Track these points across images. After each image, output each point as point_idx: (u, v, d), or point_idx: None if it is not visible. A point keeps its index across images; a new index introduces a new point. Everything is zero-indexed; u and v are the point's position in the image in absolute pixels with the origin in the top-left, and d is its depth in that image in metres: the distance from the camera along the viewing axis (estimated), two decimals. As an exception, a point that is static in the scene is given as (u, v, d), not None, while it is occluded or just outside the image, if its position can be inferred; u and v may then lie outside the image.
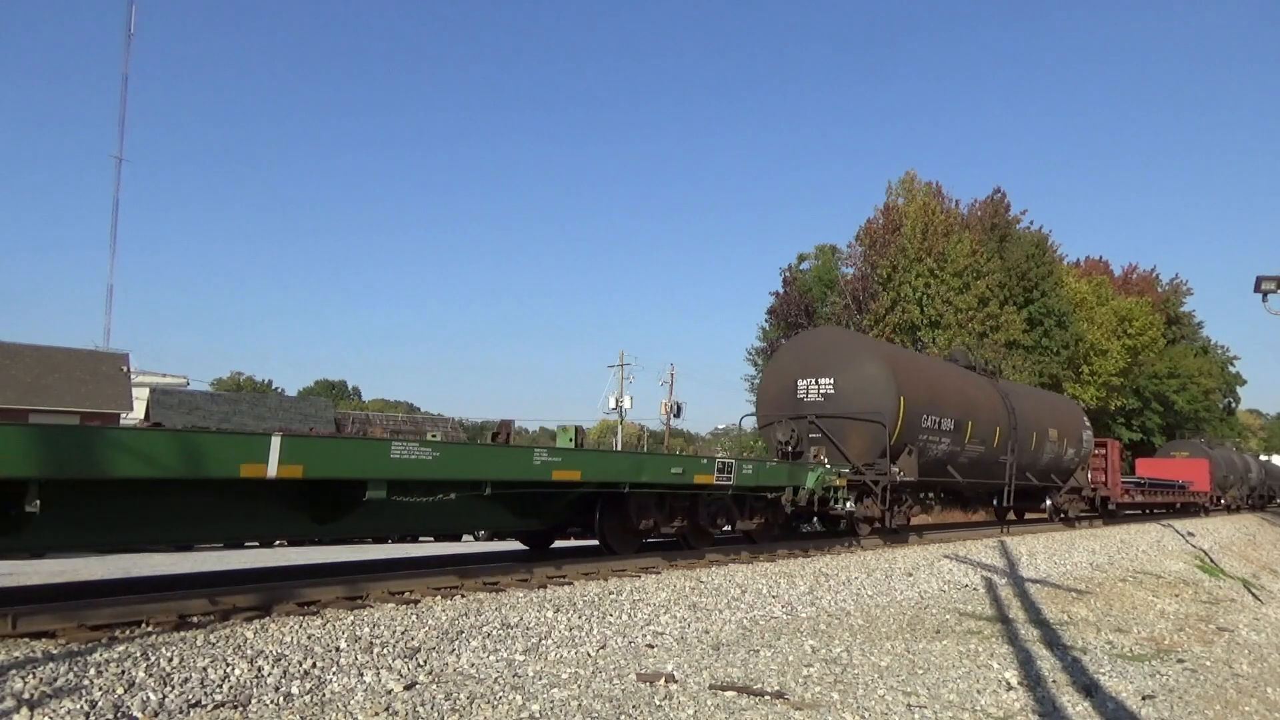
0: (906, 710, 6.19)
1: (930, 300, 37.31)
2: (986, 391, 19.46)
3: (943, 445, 16.92)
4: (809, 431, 15.55)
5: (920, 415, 15.99)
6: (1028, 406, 21.24)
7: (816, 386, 15.81)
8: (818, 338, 17.12)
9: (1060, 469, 23.19)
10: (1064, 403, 26.18)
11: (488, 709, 5.43)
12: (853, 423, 15.32)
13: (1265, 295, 17.01)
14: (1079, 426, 24.45)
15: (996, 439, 18.88)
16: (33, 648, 5.69)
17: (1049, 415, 22.32)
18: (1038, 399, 23.33)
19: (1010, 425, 19.43)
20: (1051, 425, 21.95)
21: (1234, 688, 8.29)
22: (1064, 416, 23.72)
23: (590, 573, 10.15)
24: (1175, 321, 65.91)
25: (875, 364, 15.57)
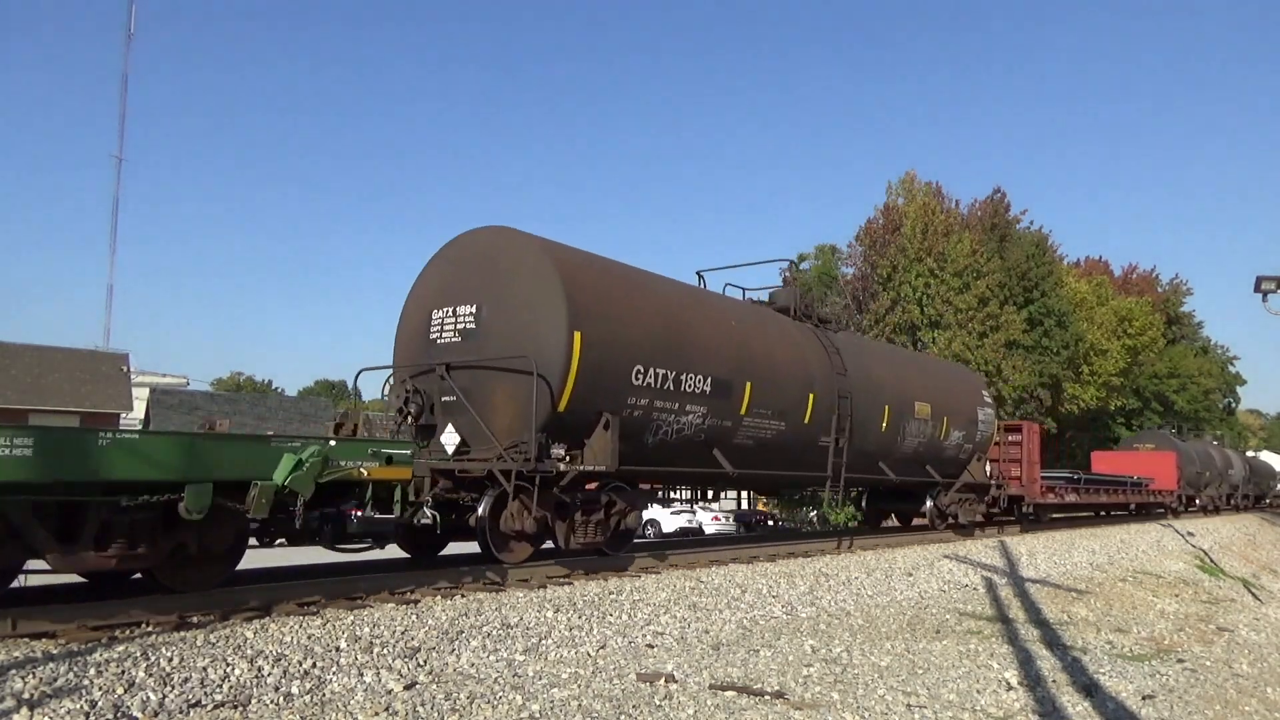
0: (906, 710, 6.19)
1: (930, 300, 37.28)
2: (794, 342, 13.70)
3: (687, 418, 11.12)
4: (443, 393, 10.08)
5: (627, 367, 10.23)
6: (879, 371, 15.75)
7: (454, 320, 10.28)
8: (471, 244, 10.70)
9: (940, 459, 17.49)
10: (949, 372, 20.42)
11: (488, 709, 5.43)
12: (498, 377, 9.71)
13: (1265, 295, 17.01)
14: (973, 404, 18.77)
15: (809, 413, 13.31)
16: (33, 648, 5.68)
17: (917, 386, 16.73)
18: (901, 363, 17.75)
19: (839, 394, 13.99)
20: (923, 399, 16.55)
21: (1234, 688, 8.29)
22: (945, 389, 17.90)
23: (590, 573, 10.15)
24: (1175, 321, 65.89)
25: (536, 280, 9.81)
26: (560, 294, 9.61)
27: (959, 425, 17.86)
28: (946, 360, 23.93)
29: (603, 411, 10.00)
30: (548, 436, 9.55)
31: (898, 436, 15.95)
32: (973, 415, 18.60)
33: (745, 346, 12.36)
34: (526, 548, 9.90)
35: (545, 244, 10.31)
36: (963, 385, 19.31)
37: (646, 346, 10.58)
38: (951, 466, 18.16)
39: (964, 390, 19.03)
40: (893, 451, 16.01)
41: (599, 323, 9.99)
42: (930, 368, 19.35)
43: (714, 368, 11.51)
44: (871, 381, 15.24)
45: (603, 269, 10.96)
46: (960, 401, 18.27)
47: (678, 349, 11.04)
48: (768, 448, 12.79)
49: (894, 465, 16.02)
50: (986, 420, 19.14)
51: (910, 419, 16.20)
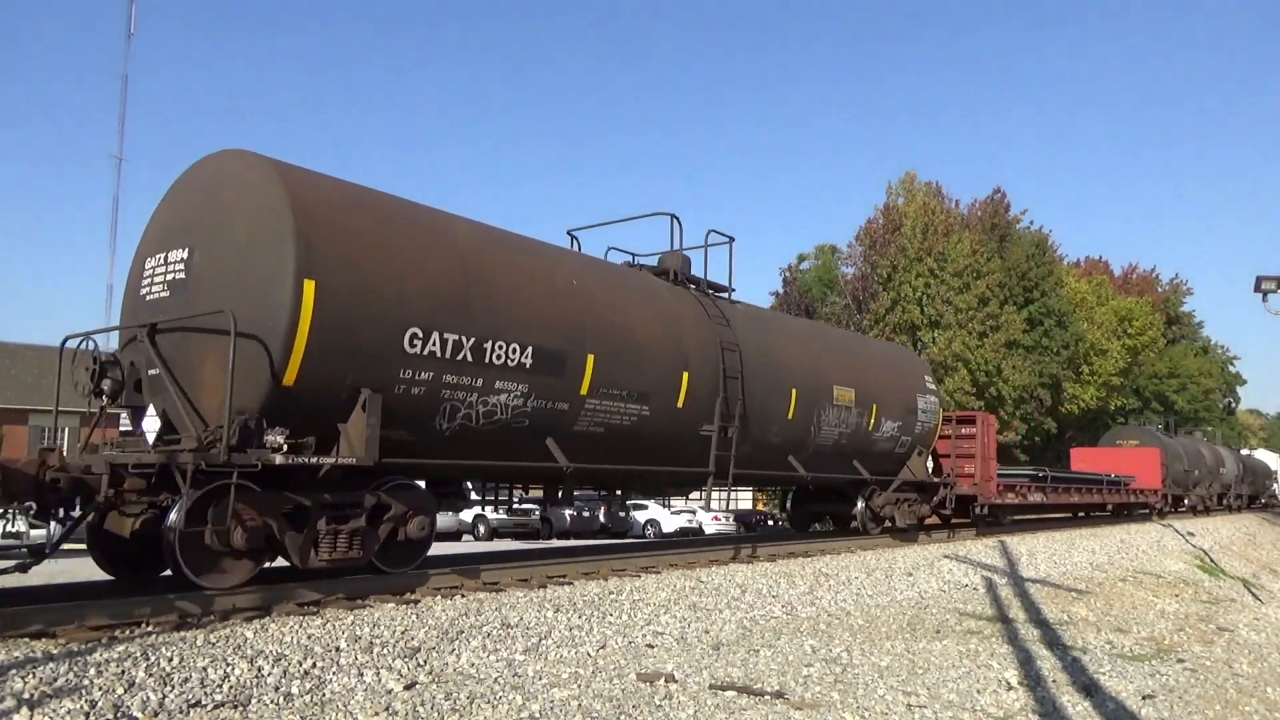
0: (906, 710, 6.19)
1: (930, 300, 37.32)
2: (665, 311, 11.15)
3: (499, 398, 8.82)
4: (149, 364, 7.89)
5: (397, 330, 7.93)
6: (785, 348, 13.17)
7: (165, 269, 8.06)
8: (198, 174, 8.35)
9: (871, 453, 15.08)
10: (882, 353, 17.54)
11: (488, 709, 5.43)
12: (208, 342, 7.51)
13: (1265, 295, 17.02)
14: (912, 390, 16.20)
15: (684, 395, 10.92)
16: (33, 648, 5.68)
17: (838, 367, 14.17)
18: (817, 340, 14.69)
19: (726, 374, 11.51)
20: (845, 383, 14.08)
21: (1234, 687, 8.30)
22: (876, 373, 15.38)
23: (590, 573, 10.15)
24: (1175, 321, 66.00)
25: (261, 213, 7.57)
26: (289, 230, 7.26)
27: (893, 415, 15.38)
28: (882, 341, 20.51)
29: (360, 387, 7.64)
30: (262, 419, 7.23)
31: (811, 426, 13.40)
32: (911, 404, 16.00)
33: (588, 311, 9.81)
34: (244, 567, 7.55)
35: (279, 167, 7.84)
36: (899, 369, 16.55)
37: (427, 304, 8.14)
38: (886, 462, 15.68)
39: (900, 375, 16.31)
40: (806, 444, 13.45)
41: (348, 270, 7.62)
42: (857, 348, 16.40)
43: (537, 335, 9.07)
44: (774, 360, 12.65)
45: (361, 202, 8.36)
46: (895, 387, 15.73)
47: (479, 309, 8.57)
48: (625, 437, 10.25)
49: (808, 460, 13.55)
50: (929, 410, 16.53)
51: (828, 406, 13.66)
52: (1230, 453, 45.11)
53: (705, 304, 12.00)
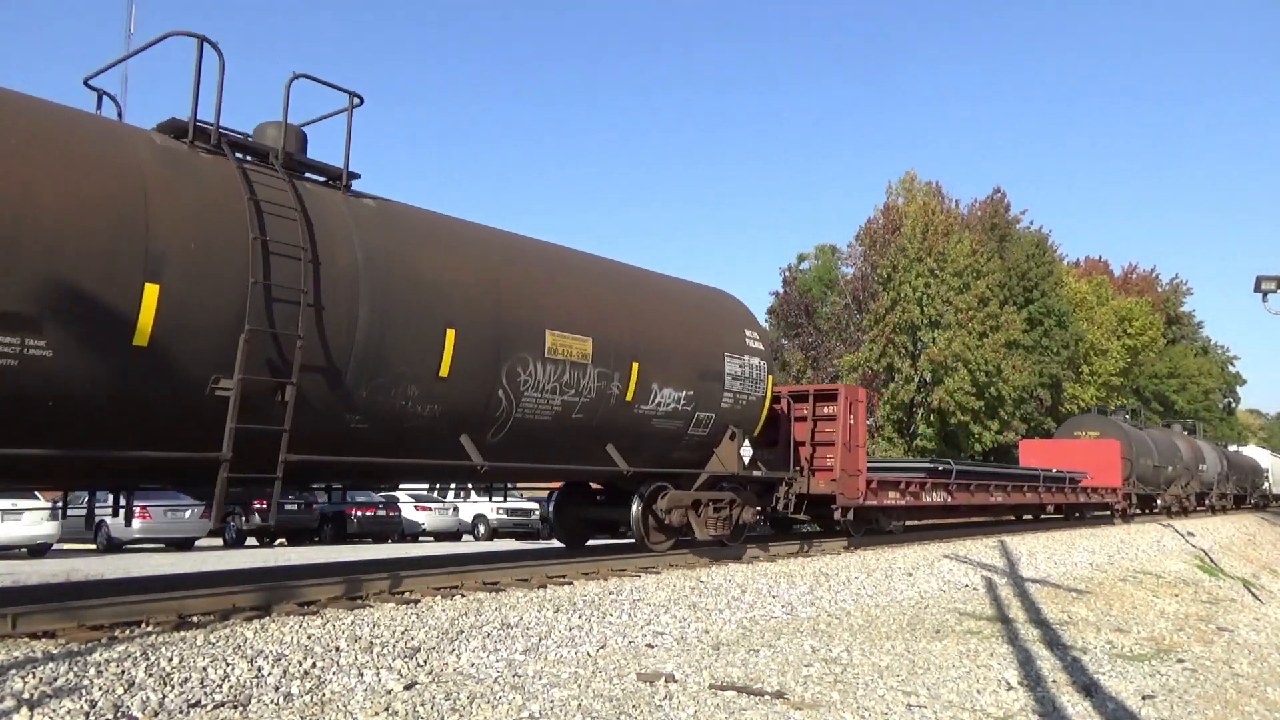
0: (906, 710, 6.19)
1: (930, 300, 37.32)
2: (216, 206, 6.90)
3: None
4: None
5: None
6: (443, 266, 8.65)
7: None
8: None
9: (635, 435, 10.57)
10: (669, 293, 11.83)
11: (488, 709, 5.43)
12: None
13: (1265, 295, 17.02)
14: (717, 347, 11.67)
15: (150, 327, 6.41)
16: (33, 648, 5.69)
17: (564, 306, 9.76)
18: (536, 264, 9.87)
19: (273, 293, 7.07)
20: (571, 329, 9.65)
21: (1234, 688, 8.30)
22: (646, 320, 10.77)
23: (590, 573, 10.15)
24: (1175, 321, 66.03)
25: None
26: None
27: (679, 381, 10.93)
28: (680, 279, 12.70)
29: None
30: None
31: (499, 391, 8.85)
32: (714, 367, 11.47)
33: None
34: None
35: None
36: (693, 318, 11.59)
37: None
38: (675, 449, 11.27)
39: (695, 326, 11.47)
40: (489, 418, 8.89)
41: None
42: (616, 281, 10.87)
43: None
44: (413, 281, 8.17)
45: None
46: (683, 342, 11.12)
47: None
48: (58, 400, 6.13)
49: (501, 443, 9.08)
50: (750, 376, 11.98)
51: (535, 361, 9.17)
52: (1213, 447, 40.86)
53: (296, 191, 7.56)
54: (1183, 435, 38.52)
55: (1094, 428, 30.27)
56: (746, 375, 12.13)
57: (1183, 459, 33.80)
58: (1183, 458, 33.88)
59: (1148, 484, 30.03)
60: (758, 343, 12.61)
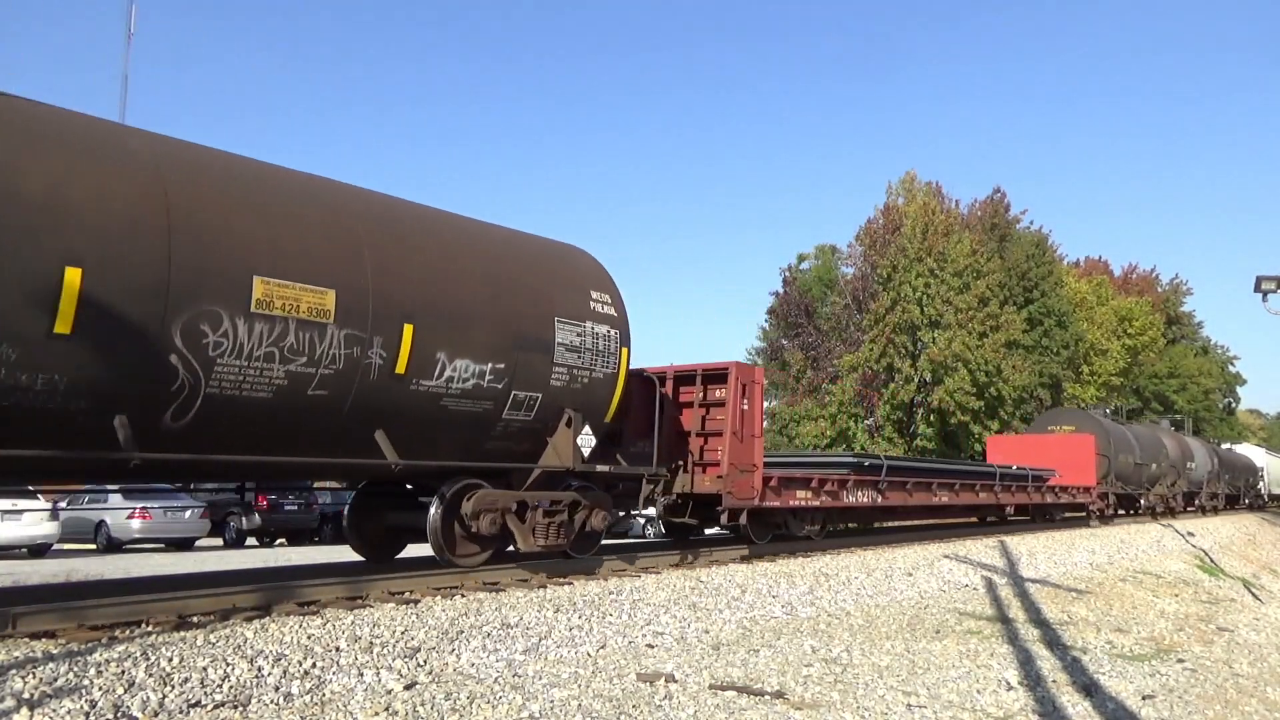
0: (906, 710, 6.19)
1: (930, 300, 37.31)
2: None
3: None
4: None
5: None
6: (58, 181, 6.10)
7: None
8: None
9: (423, 419, 8.47)
10: (471, 239, 9.41)
11: (488, 709, 5.43)
12: None
13: (1265, 295, 17.02)
14: (542, 310, 9.53)
15: None
16: (33, 648, 5.69)
17: (287, 246, 7.33)
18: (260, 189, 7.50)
19: None
20: (298, 277, 7.29)
21: (1234, 688, 8.30)
22: (435, 269, 8.62)
23: (590, 573, 10.16)
24: (1175, 321, 66.01)
25: None
26: None
27: (481, 350, 8.71)
28: (498, 227, 10.09)
29: None
30: None
31: (163, 354, 6.58)
32: (539, 335, 9.33)
33: None
34: None
35: None
36: (515, 270, 9.38)
37: None
38: (482, 437, 9.07)
39: (516, 280, 9.29)
40: (155, 390, 6.66)
41: None
42: (387, 216, 8.51)
43: None
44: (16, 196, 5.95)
45: None
46: (493, 300, 8.95)
47: None
48: None
49: (171, 429, 6.85)
50: (591, 348, 9.84)
51: (234, 316, 6.92)
52: (1203, 445, 38.27)
53: None
54: (1169, 431, 36.32)
55: (1069, 422, 27.84)
56: (589, 347, 9.88)
57: (1168, 456, 31.61)
58: (1168, 455, 31.69)
59: (1129, 483, 27.80)
60: (609, 307, 10.23)
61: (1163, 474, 30.55)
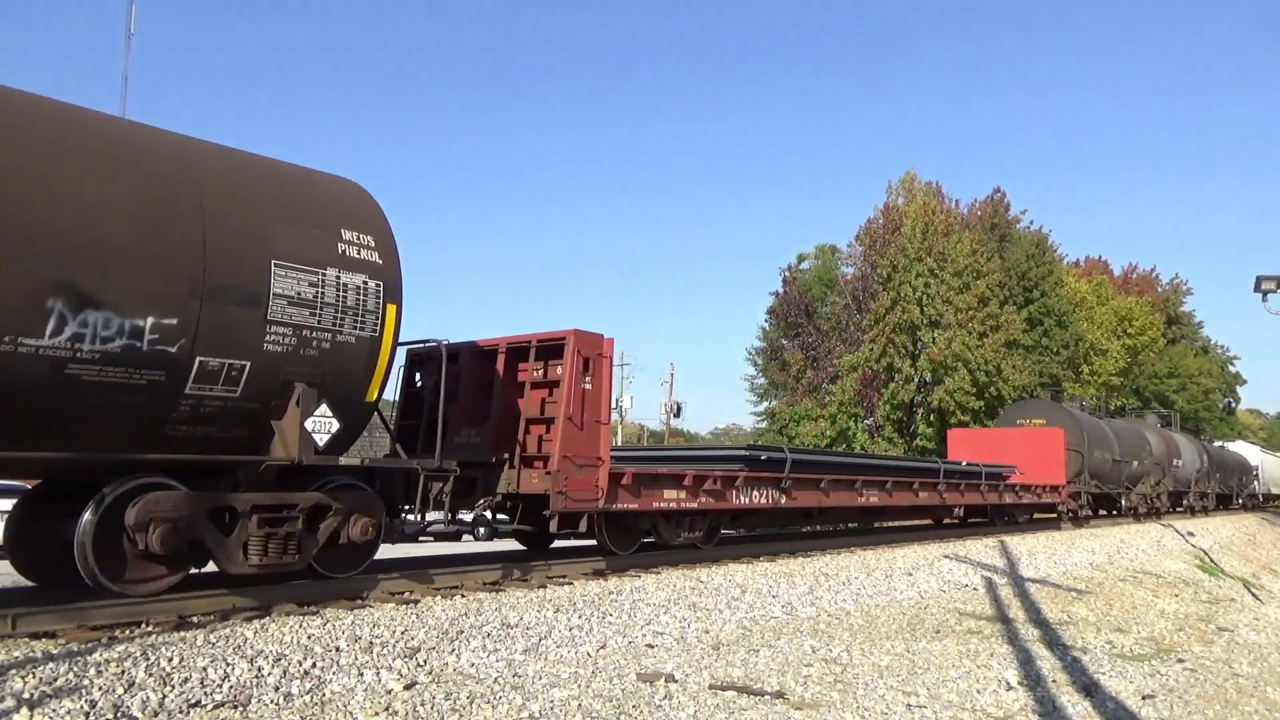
0: (906, 710, 6.19)
1: (930, 300, 37.31)
2: None
3: None
4: None
5: None
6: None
7: None
8: None
9: (61, 399, 6.15)
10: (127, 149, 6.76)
11: (488, 709, 5.43)
12: None
13: (1265, 295, 17.01)
14: (248, 241, 7.09)
15: None
16: (33, 648, 5.69)
17: None
18: None
19: None
20: None
21: (1234, 687, 8.30)
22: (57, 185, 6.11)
23: (590, 573, 10.15)
24: (1175, 321, 66.01)
25: None
26: None
27: (130, 300, 6.42)
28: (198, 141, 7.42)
29: None
30: None
31: None
32: (241, 280, 7.05)
33: None
34: None
35: None
36: (198, 189, 6.98)
37: None
38: (158, 420, 6.82)
39: (195, 201, 6.92)
40: None
41: None
42: None
43: None
44: None
45: None
46: (163, 231, 6.68)
47: None
48: None
49: None
50: (337, 302, 7.63)
51: None
52: (1191, 442, 35.58)
53: None
54: (1154, 426, 33.57)
55: (1038, 415, 25.29)
56: (331, 301, 7.60)
57: (1152, 453, 29.09)
58: (1152, 452, 29.16)
59: (1106, 481, 25.44)
60: (370, 252, 7.98)
61: (1146, 472, 28.21)
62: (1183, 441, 34.39)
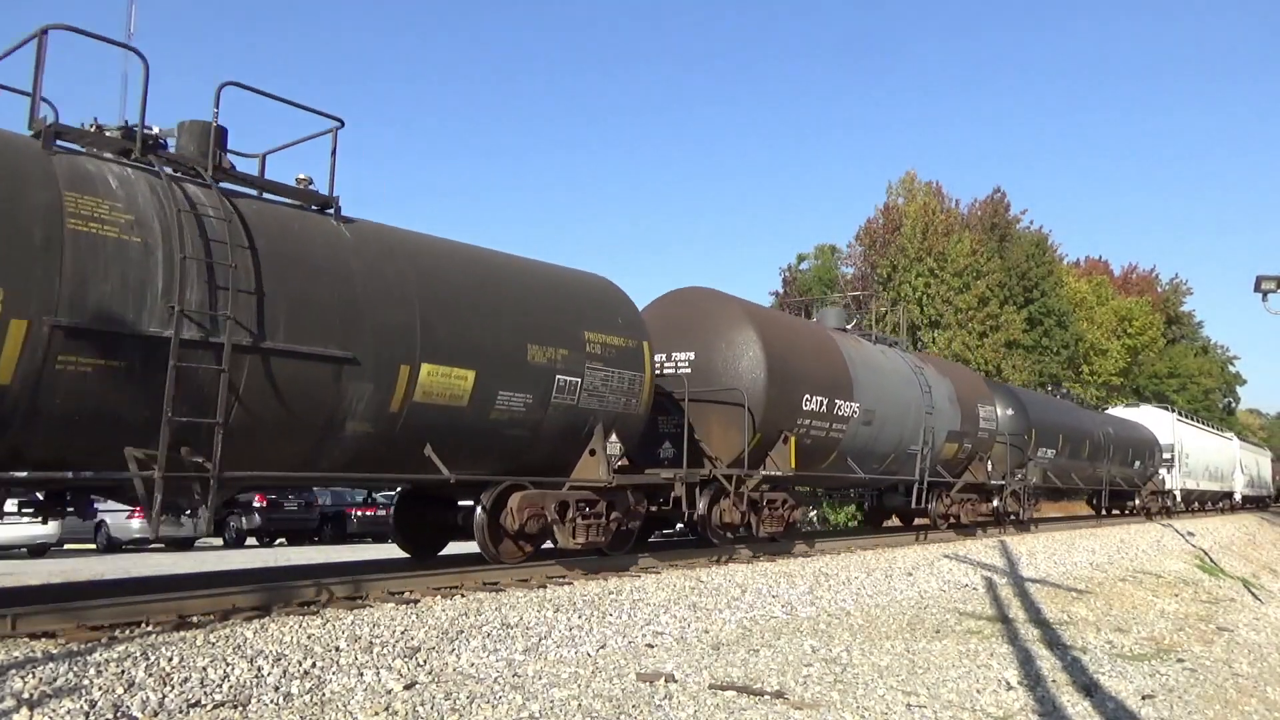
0: (906, 710, 6.19)
1: (930, 300, 37.34)
2: None
3: None
4: None
5: None
6: None
7: None
8: None
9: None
10: None
11: (488, 709, 5.43)
12: None
13: (1265, 295, 17.00)
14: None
15: None
16: (33, 648, 5.69)
17: None
18: None
19: None
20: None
21: (1234, 687, 8.30)
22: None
23: (590, 573, 10.15)
24: (1175, 321, 66.04)
25: None
26: None
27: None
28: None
29: None
30: None
31: None
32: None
33: None
34: None
35: None
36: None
37: None
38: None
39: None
40: None
41: None
42: None
43: None
44: None
45: None
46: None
47: None
48: None
49: None
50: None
51: None
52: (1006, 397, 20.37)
53: None
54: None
55: None
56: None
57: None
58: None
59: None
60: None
61: None
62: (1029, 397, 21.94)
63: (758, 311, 13.67)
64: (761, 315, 13.47)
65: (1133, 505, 30.48)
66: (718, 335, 12.74)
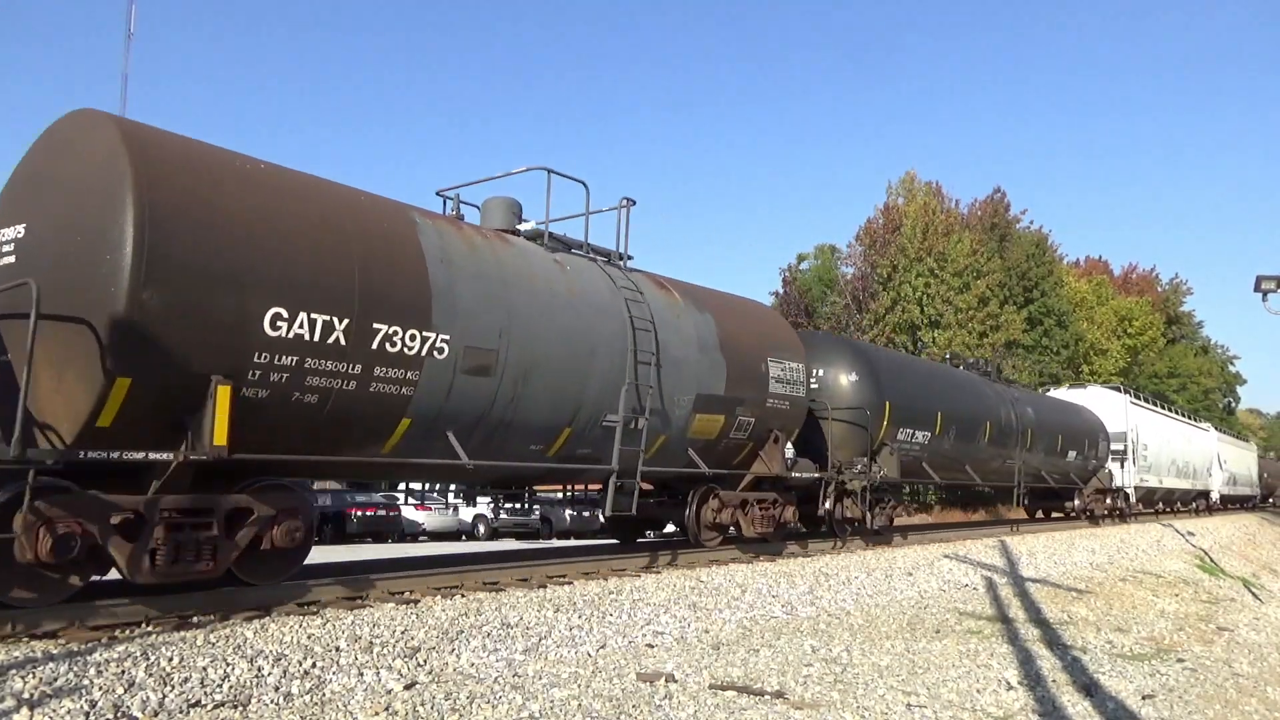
0: (906, 710, 6.19)
1: (930, 300, 37.34)
2: None
3: None
4: None
5: None
6: None
7: None
8: None
9: None
10: None
11: (488, 708, 5.43)
12: None
13: (1265, 295, 16.99)
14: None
15: None
16: (33, 648, 5.69)
17: None
18: None
19: None
20: None
21: (1234, 687, 8.30)
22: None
23: (590, 573, 10.15)
24: (1175, 321, 66.04)
25: None
26: None
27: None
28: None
29: None
30: None
31: None
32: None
33: None
34: None
35: None
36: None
37: None
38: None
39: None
40: None
41: None
42: None
43: None
44: None
45: None
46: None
47: None
48: None
49: None
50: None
51: None
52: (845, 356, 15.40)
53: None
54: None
55: None
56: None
57: None
58: None
59: None
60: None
61: None
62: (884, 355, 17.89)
63: None
64: None
65: (1071, 507, 24.60)
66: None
